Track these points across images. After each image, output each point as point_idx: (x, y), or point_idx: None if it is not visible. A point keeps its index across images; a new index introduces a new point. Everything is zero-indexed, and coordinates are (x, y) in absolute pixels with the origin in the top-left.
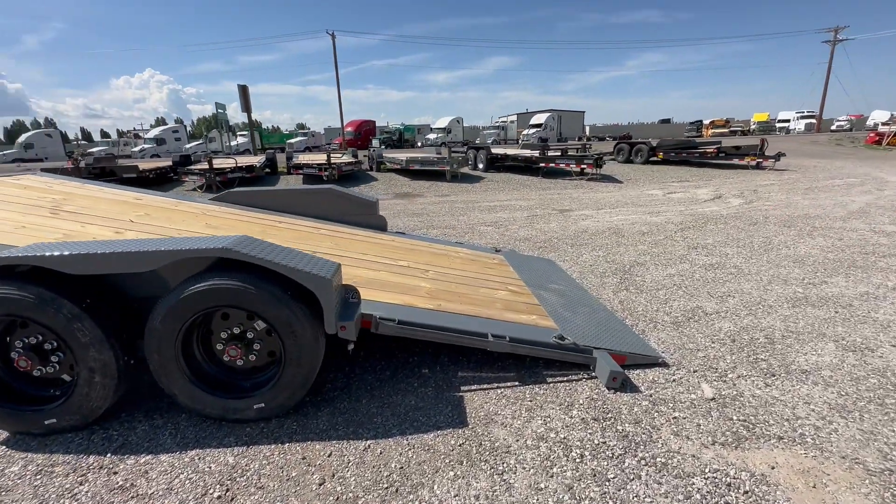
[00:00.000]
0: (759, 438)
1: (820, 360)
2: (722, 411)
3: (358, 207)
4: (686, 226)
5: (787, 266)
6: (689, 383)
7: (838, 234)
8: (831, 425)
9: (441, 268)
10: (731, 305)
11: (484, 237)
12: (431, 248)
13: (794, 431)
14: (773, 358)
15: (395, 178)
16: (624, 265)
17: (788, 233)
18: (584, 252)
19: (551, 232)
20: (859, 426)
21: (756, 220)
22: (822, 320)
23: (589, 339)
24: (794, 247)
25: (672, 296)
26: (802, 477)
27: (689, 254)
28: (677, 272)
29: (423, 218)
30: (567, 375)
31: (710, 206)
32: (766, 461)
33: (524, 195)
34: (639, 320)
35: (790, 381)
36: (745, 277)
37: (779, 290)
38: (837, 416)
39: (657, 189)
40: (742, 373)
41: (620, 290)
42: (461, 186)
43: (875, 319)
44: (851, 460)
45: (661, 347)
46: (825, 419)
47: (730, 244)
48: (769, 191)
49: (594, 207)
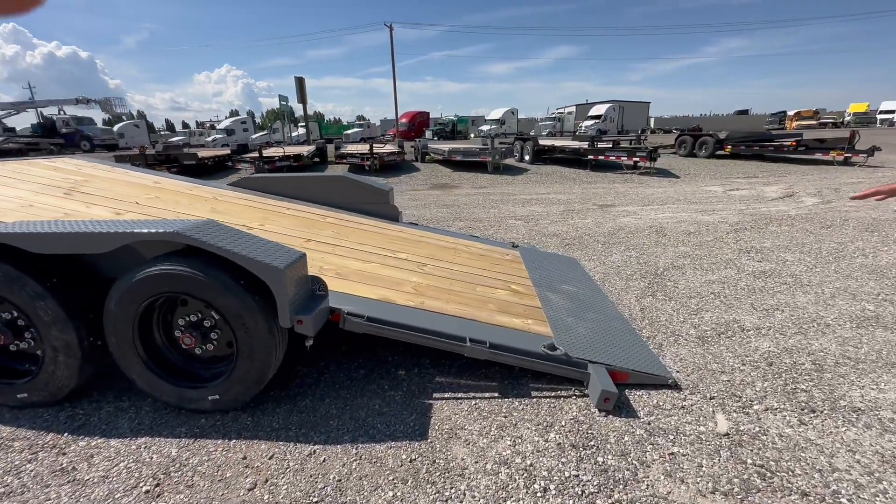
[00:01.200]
0: (777, 492)
1: (881, 398)
2: (734, 451)
3: (370, 196)
4: (742, 227)
5: (859, 278)
6: (700, 412)
7: None
8: (880, 484)
9: (442, 262)
10: (776, 321)
11: (510, 231)
12: (441, 240)
13: (826, 488)
14: (817, 389)
15: (437, 169)
16: (657, 268)
17: (870, 239)
18: (614, 252)
19: (585, 228)
20: None
21: (832, 222)
22: (892, 345)
23: (588, 351)
24: (875, 255)
25: (706, 305)
26: None
27: (739, 258)
28: (718, 279)
29: (453, 209)
30: (556, 391)
31: (777, 205)
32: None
33: (566, 189)
34: (658, 332)
35: (834, 421)
36: (802, 289)
37: (843, 305)
38: (892, 472)
39: (717, 185)
40: (772, 404)
41: (646, 296)
42: (502, 178)
43: None
44: None
45: (676, 366)
46: (873, 476)
47: (792, 249)
48: (855, 190)
49: (639, 203)
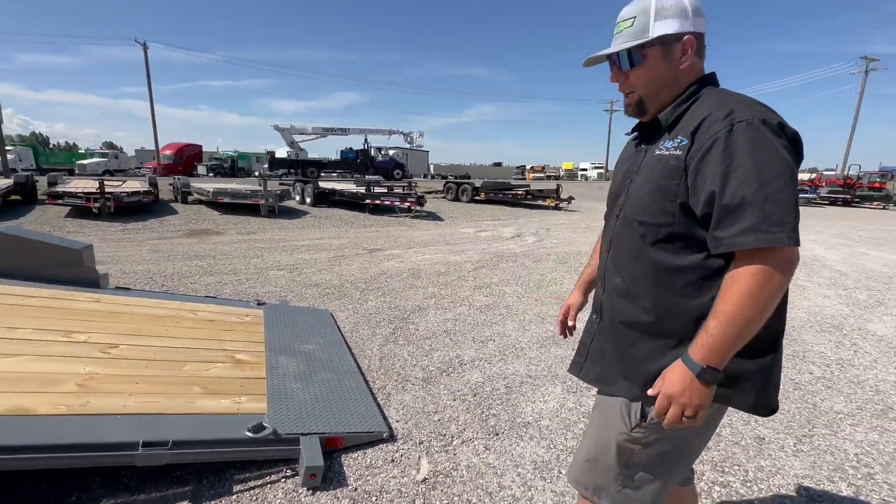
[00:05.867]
0: None
1: (544, 408)
2: (427, 496)
3: (51, 256)
4: (482, 264)
5: (548, 303)
6: (407, 462)
7: None
8: (529, 492)
9: (146, 339)
10: (487, 352)
11: (268, 285)
12: (158, 307)
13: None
14: (504, 412)
15: (202, 213)
16: (405, 311)
17: (560, 269)
18: (370, 298)
19: (349, 275)
20: (554, 488)
21: (540, 257)
22: (560, 360)
23: (304, 422)
24: (561, 283)
25: (437, 345)
26: None
27: (472, 294)
28: (453, 316)
29: (206, 261)
30: (264, 476)
31: (509, 244)
32: None
33: (341, 233)
34: (390, 380)
35: (510, 440)
36: (511, 318)
37: (535, 329)
38: (539, 479)
39: (471, 227)
40: (468, 436)
41: (388, 343)
42: (277, 223)
43: None
44: None
45: (398, 414)
46: (526, 485)
47: (510, 282)
48: (559, 229)
49: (406, 246)
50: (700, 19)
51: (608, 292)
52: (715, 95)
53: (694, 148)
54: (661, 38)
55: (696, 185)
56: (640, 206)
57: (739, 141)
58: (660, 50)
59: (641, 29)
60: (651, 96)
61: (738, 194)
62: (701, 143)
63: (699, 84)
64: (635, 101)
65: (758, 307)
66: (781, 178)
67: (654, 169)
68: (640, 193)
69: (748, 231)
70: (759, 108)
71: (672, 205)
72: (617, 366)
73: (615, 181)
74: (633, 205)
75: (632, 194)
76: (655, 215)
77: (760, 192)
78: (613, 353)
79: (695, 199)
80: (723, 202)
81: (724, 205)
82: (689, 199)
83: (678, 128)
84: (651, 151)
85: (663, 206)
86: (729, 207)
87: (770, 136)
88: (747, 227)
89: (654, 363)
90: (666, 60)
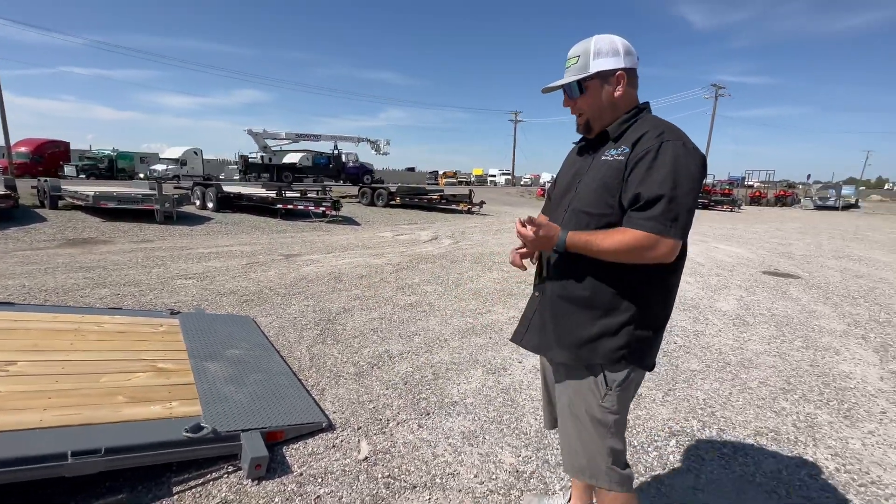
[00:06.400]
0: (396, 495)
1: (468, 388)
2: (370, 472)
3: None
4: (402, 266)
5: (467, 299)
6: (348, 445)
7: (509, 267)
8: (459, 457)
9: (49, 354)
10: (414, 345)
11: (176, 295)
12: (55, 322)
13: (428, 475)
14: (433, 395)
15: (78, 219)
16: (331, 313)
17: (476, 268)
18: (293, 302)
19: (267, 281)
20: (479, 451)
21: (457, 258)
22: (480, 347)
23: (242, 420)
24: (477, 281)
25: (366, 342)
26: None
27: (396, 295)
28: (379, 315)
29: (96, 273)
30: (205, 475)
31: (427, 246)
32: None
33: (253, 239)
34: (323, 377)
35: (440, 417)
36: (434, 314)
37: (456, 322)
38: (467, 446)
39: (389, 231)
40: (402, 418)
41: (317, 343)
42: (177, 230)
43: None
44: (465, 493)
45: (334, 406)
46: (457, 452)
47: (431, 282)
48: (473, 232)
49: (324, 251)
50: (630, 57)
51: (551, 274)
52: (651, 119)
53: (633, 154)
54: (598, 73)
55: (629, 180)
56: (587, 200)
57: (665, 154)
58: (599, 82)
59: (584, 66)
60: (595, 118)
61: (654, 191)
62: (638, 152)
63: (638, 110)
64: (584, 122)
65: (619, 255)
66: (686, 187)
67: (601, 169)
68: (588, 189)
69: (651, 219)
70: (681, 134)
71: (613, 199)
72: (553, 336)
73: (562, 180)
74: (581, 199)
75: (581, 190)
76: (599, 207)
77: (669, 194)
78: (551, 324)
79: (626, 191)
80: (642, 194)
81: (643, 196)
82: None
83: (621, 140)
84: (598, 157)
85: (606, 199)
86: (645, 198)
87: (685, 155)
88: (651, 216)
89: (585, 331)
90: (604, 90)
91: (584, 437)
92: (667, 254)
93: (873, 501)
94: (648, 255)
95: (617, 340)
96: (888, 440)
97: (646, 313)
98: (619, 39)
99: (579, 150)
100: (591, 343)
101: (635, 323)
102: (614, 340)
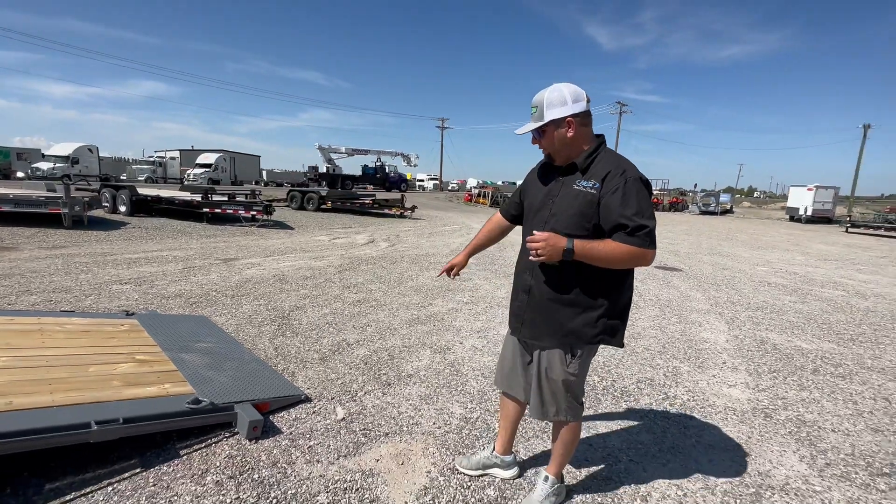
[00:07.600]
0: (373, 440)
1: (420, 365)
2: (349, 427)
3: None
4: (344, 268)
5: (410, 294)
6: (326, 411)
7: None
8: (419, 412)
9: (26, 350)
10: (368, 334)
11: (118, 299)
12: (10, 323)
13: (396, 425)
14: (391, 371)
15: None
16: (284, 311)
17: (414, 268)
18: (244, 303)
19: (210, 284)
20: (435, 407)
21: (395, 259)
22: (426, 333)
23: (232, 395)
24: (417, 279)
25: (323, 334)
26: (396, 459)
27: (343, 293)
28: (331, 311)
29: (15, 280)
30: (206, 441)
31: (365, 249)
32: (373, 457)
33: (182, 244)
34: (290, 363)
35: (400, 386)
36: (381, 308)
37: (403, 314)
38: (425, 404)
39: (325, 235)
40: (368, 389)
41: (277, 337)
42: (91, 235)
43: (453, 326)
44: (427, 435)
45: (307, 385)
46: (416, 409)
47: (374, 281)
48: (407, 235)
49: (263, 255)
50: (579, 103)
51: (537, 280)
52: (610, 155)
53: (604, 190)
54: (552, 121)
55: (607, 209)
56: (567, 224)
57: (630, 188)
58: (553, 127)
59: (540, 115)
60: (555, 154)
61: (630, 216)
62: (608, 188)
63: (598, 144)
64: (547, 154)
65: (612, 261)
66: (649, 209)
67: (577, 198)
68: (567, 214)
69: (639, 238)
70: (635, 169)
71: (589, 224)
72: (545, 328)
73: (535, 197)
74: (560, 222)
75: (558, 213)
76: (578, 230)
77: (641, 216)
78: (542, 319)
79: (606, 220)
80: (622, 221)
81: (623, 222)
82: (600, 221)
83: (590, 173)
84: (569, 184)
85: (584, 224)
86: (631, 226)
87: (643, 187)
88: (639, 236)
89: (570, 322)
90: (557, 133)
91: (557, 393)
92: (651, 260)
93: (707, 416)
94: (640, 262)
95: (595, 329)
96: (723, 380)
97: (615, 305)
98: (569, 90)
99: (546, 168)
100: (575, 333)
101: (608, 314)
102: (594, 329)
